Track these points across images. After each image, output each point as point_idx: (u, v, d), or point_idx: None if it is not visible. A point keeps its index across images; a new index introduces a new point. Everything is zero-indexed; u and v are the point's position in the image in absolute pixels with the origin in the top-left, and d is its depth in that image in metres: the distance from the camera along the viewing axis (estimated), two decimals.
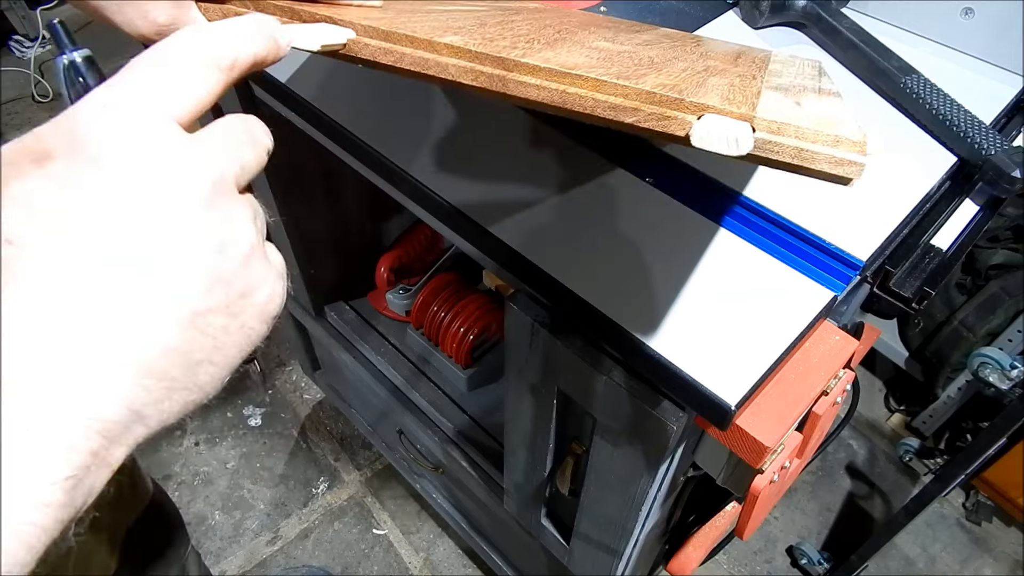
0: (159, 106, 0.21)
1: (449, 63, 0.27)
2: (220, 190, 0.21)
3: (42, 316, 0.17)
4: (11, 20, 2.37)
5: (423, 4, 0.37)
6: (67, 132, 0.19)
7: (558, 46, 0.31)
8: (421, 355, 1.04)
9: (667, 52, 0.37)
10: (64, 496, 0.17)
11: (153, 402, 0.19)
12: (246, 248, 0.21)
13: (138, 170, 0.19)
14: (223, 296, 0.20)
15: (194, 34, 0.22)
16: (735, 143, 0.23)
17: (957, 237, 0.54)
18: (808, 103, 0.28)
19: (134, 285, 0.19)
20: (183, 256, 0.19)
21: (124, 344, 0.18)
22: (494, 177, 0.55)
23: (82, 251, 0.18)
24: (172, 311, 0.19)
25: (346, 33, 0.28)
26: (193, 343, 0.20)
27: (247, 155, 0.22)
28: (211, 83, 0.22)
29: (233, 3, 0.30)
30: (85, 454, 0.18)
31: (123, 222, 0.19)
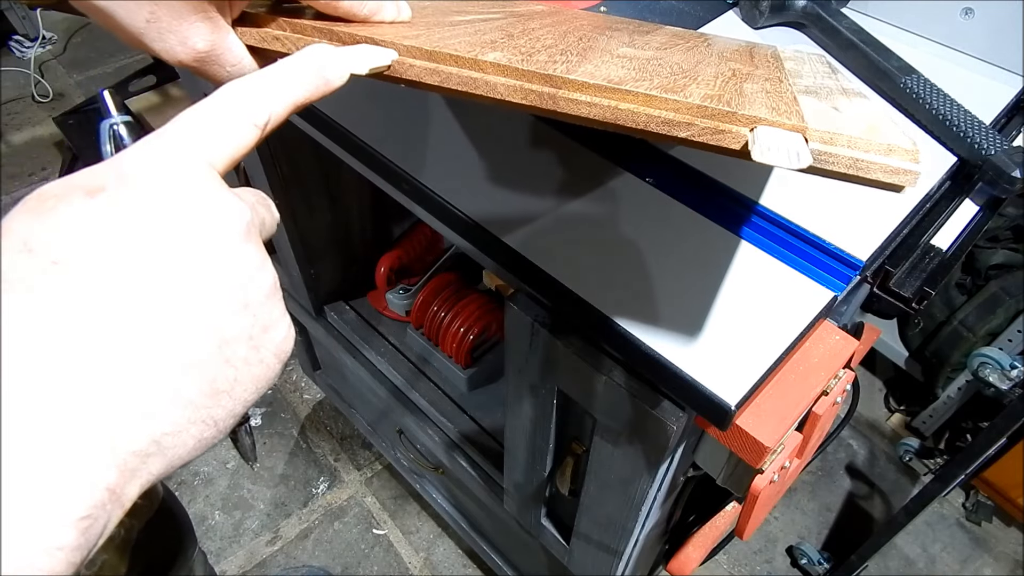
0: (200, 152, 0.22)
1: (498, 82, 0.27)
2: (251, 231, 0.22)
3: (77, 337, 0.18)
4: (11, 20, 2.37)
5: (445, 16, 0.37)
6: (117, 168, 0.21)
7: (590, 56, 0.31)
8: (421, 355, 1.04)
9: (688, 56, 0.37)
10: (78, 538, 0.16)
11: (172, 432, 0.19)
12: (270, 284, 0.22)
13: (181, 201, 0.20)
14: (248, 326, 0.21)
15: (235, 90, 0.24)
16: (796, 156, 0.23)
17: (957, 237, 0.54)
18: (843, 106, 0.28)
19: (170, 307, 0.19)
20: (217, 281, 0.20)
21: (151, 363, 0.19)
22: (494, 177, 0.55)
23: (123, 274, 0.19)
24: (204, 334, 0.20)
25: (389, 54, 0.29)
26: (218, 370, 0.20)
27: (267, 216, 0.25)
28: (247, 137, 0.24)
29: (270, 27, 0.31)
30: (102, 490, 0.17)
31: (164, 247, 0.20)
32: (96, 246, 0.19)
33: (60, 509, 0.16)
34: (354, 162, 0.63)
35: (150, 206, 0.20)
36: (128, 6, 0.26)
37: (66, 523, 0.16)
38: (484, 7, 0.44)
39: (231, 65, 0.30)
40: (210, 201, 0.21)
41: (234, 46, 0.30)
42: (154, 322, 0.19)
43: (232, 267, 0.21)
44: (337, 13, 0.31)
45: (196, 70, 0.30)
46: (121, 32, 0.27)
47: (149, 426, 0.18)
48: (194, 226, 0.20)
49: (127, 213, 0.20)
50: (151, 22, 0.27)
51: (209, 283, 0.20)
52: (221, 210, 0.21)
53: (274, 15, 0.31)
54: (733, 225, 0.51)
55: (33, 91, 2.25)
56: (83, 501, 0.16)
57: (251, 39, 0.31)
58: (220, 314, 0.20)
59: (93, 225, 0.19)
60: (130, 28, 0.27)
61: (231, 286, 0.21)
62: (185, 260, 0.20)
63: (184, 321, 0.19)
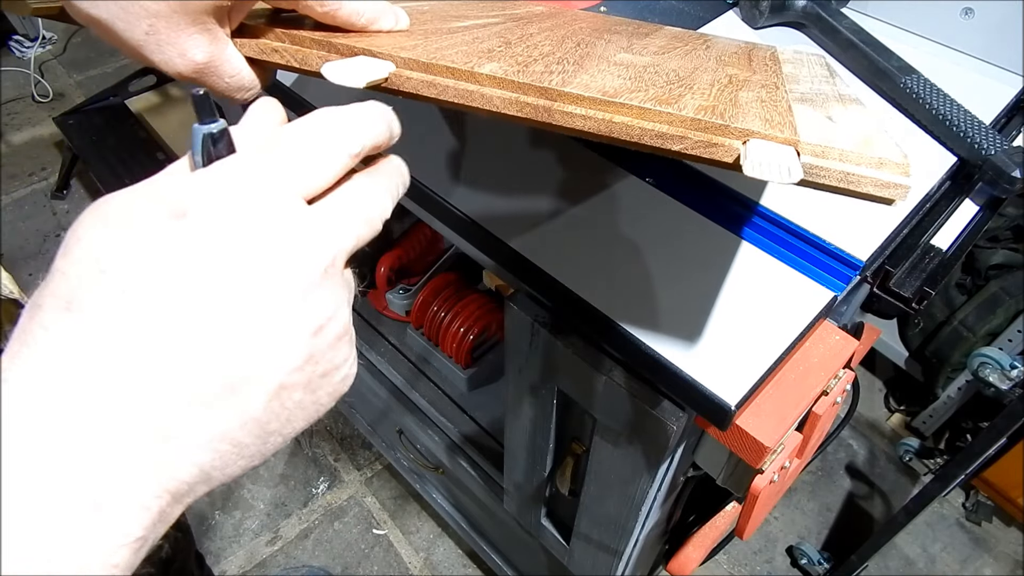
0: (293, 184, 0.21)
1: (494, 95, 0.27)
2: (330, 273, 0.21)
3: (139, 367, 0.18)
4: (11, 20, 2.37)
5: (443, 22, 0.37)
6: (206, 191, 0.20)
7: (587, 65, 0.31)
8: (421, 355, 1.04)
9: (685, 61, 0.37)
10: (131, 557, 0.17)
11: (222, 466, 0.19)
12: (340, 331, 0.22)
13: (263, 244, 0.20)
14: (309, 374, 0.21)
15: (333, 119, 0.23)
16: (787, 172, 0.23)
17: (957, 237, 0.54)
18: (837, 115, 0.28)
19: (235, 351, 0.19)
20: (285, 332, 0.20)
21: (212, 405, 0.19)
22: (494, 177, 0.55)
23: (193, 311, 0.19)
24: (263, 382, 0.20)
25: (387, 66, 0.29)
26: (271, 415, 0.20)
27: (363, 231, 0.23)
28: (341, 167, 0.23)
29: (269, 38, 0.30)
30: (155, 513, 0.18)
31: (238, 289, 0.19)
32: (169, 281, 0.19)
33: (120, 531, 0.17)
34: None
35: (232, 245, 0.19)
36: (127, 18, 0.26)
37: (124, 544, 0.17)
38: (483, 11, 0.44)
39: (229, 76, 0.30)
40: (292, 243, 0.20)
41: (232, 58, 0.30)
42: (215, 370, 0.19)
43: (302, 319, 0.20)
44: (335, 23, 0.31)
45: (195, 81, 0.30)
46: (120, 44, 0.28)
47: (201, 461, 0.19)
48: (270, 273, 0.20)
49: (207, 249, 0.19)
50: (150, 34, 0.27)
51: (276, 337, 0.20)
52: (302, 254, 0.20)
53: (272, 26, 0.31)
54: (733, 225, 0.51)
55: (33, 91, 2.25)
56: (139, 524, 0.17)
57: (250, 51, 0.31)
58: (282, 367, 0.20)
59: (170, 256, 0.19)
60: (129, 40, 0.27)
61: (298, 339, 0.20)
62: (257, 311, 0.19)
63: (245, 374, 0.19)
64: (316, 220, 0.21)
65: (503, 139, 0.57)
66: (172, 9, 0.26)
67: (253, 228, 0.20)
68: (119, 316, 0.18)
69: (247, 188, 0.20)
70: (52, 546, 0.16)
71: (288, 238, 0.20)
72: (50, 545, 0.16)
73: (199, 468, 0.19)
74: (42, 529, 0.16)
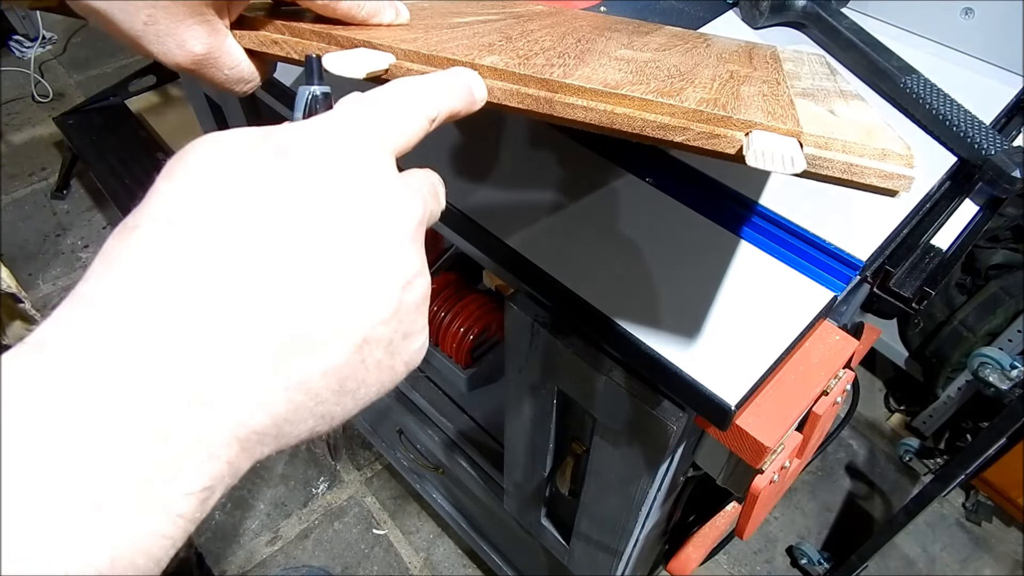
0: (386, 138, 0.22)
1: (495, 86, 0.28)
2: (420, 232, 0.22)
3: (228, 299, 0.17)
4: (11, 20, 2.37)
5: (443, 18, 0.37)
6: (309, 136, 0.20)
7: (588, 59, 0.31)
8: None
9: (686, 58, 0.37)
10: (197, 508, 0.16)
11: (294, 420, 0.19)
12: (423, 291, 0.22)
13: (362, 187, 0.20)
14: (392, 331, 0.21)
15: (412, 84, 0.24)
16: (790, 162, 0.23)
17: (957, 237, 0.54)
18: (839, 109, 0.28)
19: (326, 294, 0.19)
20: (377, 281, 0.20)
21: (297, 348, 0.18)
22: (494, 177, 0.55)
23: (290, 245, 0.18)
24: (350, 330, 0.19)
25: (387, 58, 0.29)
26: (351, 370, 0.20)
27: (435, 208, 0.24)
28: (421, 130, 0.24)
29: (268, 30, 0.30)
30: (224, 463, 0.17)
31: (338, 229, 0.19)
32: (271, 213, 0.18)
33: (188, 479, 0.16)
34: None
35: (336, 186, 0.19)
36: (126, 9, 0.26)
37: (190, 492, 0.16)
38: (483, 8, 0.44)
39: (229, 68, 0.30)
40: (389, 193, 0.21)
41: (232, 49, 0.30)
42: (306, 310, 0.18)
43: (395, 270, 0.20)
44: (335, 16, 0.31)
45: (194, 73, 0.30)
46: (119, 35, 0.28)
47: (276, 409, 0.18)
48: (369, 218, 0.20)
49: (311, 186, 0.19)
50: (149, 25, 0.27)
51: (370, 283, 0.20)
52: (398, 205, 0.21)
53: (272, 18, 0.31)
54: (733, 225, 0.51)
55: (33, 91, 2.25)
56: (207, 473, 0.16)
57: (249, 42, 0.31)
58: (371, 317, 0.20)
59: (275, 189, 0.19)
60: (128, 31, 0.27)
61: (390, 289, 0.20)
62: (353, 253, 0.19)
63: (336, 319, 0.19)
64: (410, 176, 0.22)
65: (503, 138, 0.57)
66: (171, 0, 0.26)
67: (356, 173, 0.20)
68: (219, 242, 0.17)
69: (343, 134, 0.21)
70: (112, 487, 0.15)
71: (389, 186, 0.21)
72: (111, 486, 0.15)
73: (272, 418, 0.18)
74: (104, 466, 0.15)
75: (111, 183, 1.70)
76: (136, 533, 0.15)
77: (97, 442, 0.15)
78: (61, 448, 0.15)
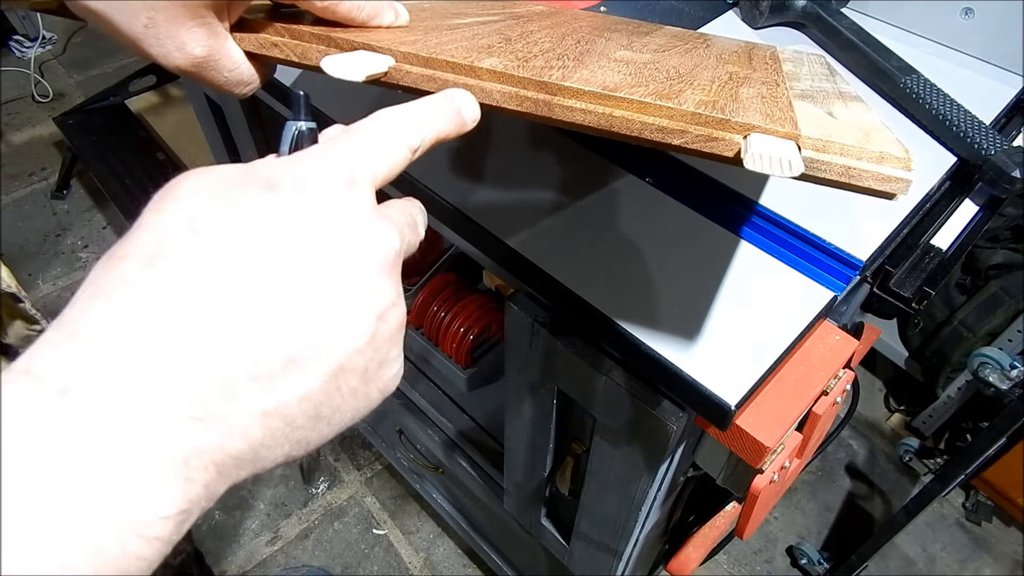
0: (367, 171, 0.22)
1: (493, 89, 0.28)
2: (396, 263, 0.22)
3: (211, 332, 0.18)
4: (11, 20, 2.37)
5: (443, 19, 0.37)
6: (295, 171, 0.21)
7: (587, 61, 0.31)
8: (421, 355, 1.04)
9: (685, 59, 0.37)
10: (173, 530, 0.17)
11: (270, 445, 0.19)
12: (400, 321, 0.22)
13: (346, 222, 0.21)
14: (368, 360, 0.21)
15: (399, 116, 0.25)
16: (788, 165, 0.23)
17: (957, 237, 0.54)
18: (838, 111, 0.28)
19: (304, 324, 0.19)
20: (354, 312, 0.20)
21: (274, 376, 0.19)
22: (494, 177, 0.55)
23: (270, 278, 0.19)
24: (327, 359, 0.20)
25: (386, 60, 0.29)
26: (326, 396, 0.20)
27: (413, 239, 0.24)
28: (404, 160, 0.24)
29: (268, 33, 0.30)
30: (200, 486, 0.17)
31: (318, 260, 0.20)
32: (255, 247, 0.19)
33: (164, 503, 0.17)
34: None
35: (313, 218, 0.20)
36: (125, 11, 0.26)
37: (167, 515, 0.17)
38: (483, 9, 0.44)
39: (228, 71, 0.30)
40: (367, 227, 0.21)
41: (232, 52, 0.30)
42: (285, 339, 0.19)
43: (371, 301, 0.21)
44: (335, 18, 0.31)
45: (194, 75, 0.30)
46: (119, 37, 0.28)
47: (252, 435, 0.18)
48: (347, 251, 0.20)
49: (293, 220, 0.20)
50: (149, 27, 0.27)
51: (346, 314, 0.20)
52: (375, 239, 0.21)
53: (272, 21, 0.31)
54: (733, 225, 0.51)
55: (33, 91, 2.25)
56: (184, 496, 0.17)
57: (249, 45, 0.31)
58: (348, 346, 0.20)
59: (261, 223, 0.19)
60: (128, 33, 0.27)
61: (366, 320, 0.21)
62: (331, 285, 0.20)
63: (313, 348, 0.19)
64: (390, 207, 0.23)
65: (503, 139, 0.57)
66: (171, 3, 0.26)
67: (336, 206, 0.21)
68: (203, 276, 0.18)
69: (328, 169, 0.21)
70: (88, 511, 0.15)
71: (367, 219, 0.21)
72: (86, 510, 0.15)
73: (248, 443, 0.18)
74: (80, 492, 0.15)
75: (111, 183, 1.70)
76: (113, 554, 0.16)
77: (80, 468, 0.16)
78: (44, 474, 0.15)
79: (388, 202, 0.24)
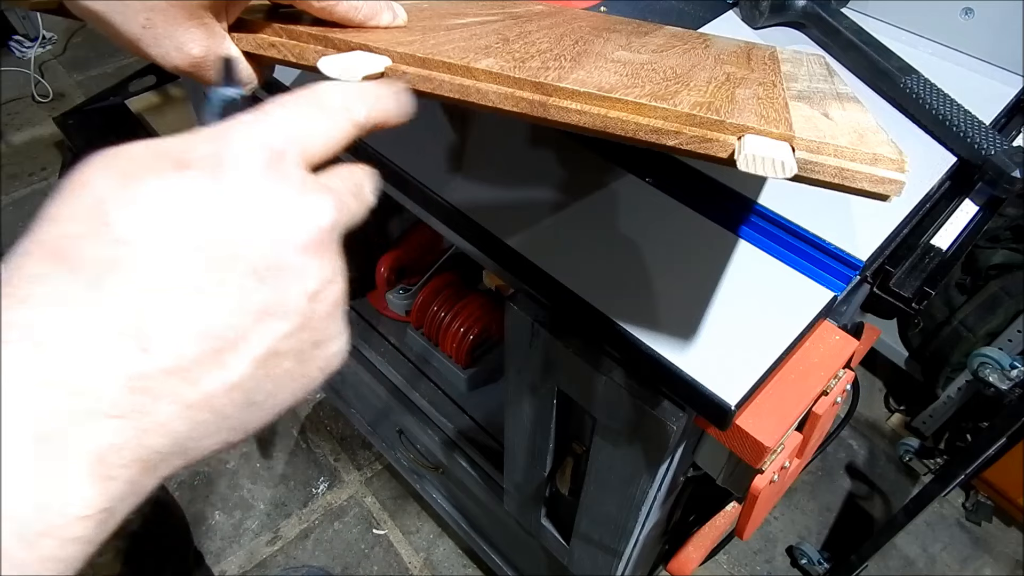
0: (298, 144, 0.21)
1: (489, 90, 0.28)
2: (330, 238, 0.21)
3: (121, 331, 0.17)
4: (11, 20, 2.37)
5: (442, 20, 0.37)
6: (211, 148, 0.20)
7: (584, 61, 0.31)
8: (421, 355, 1.04)
9: (683, 59, 0.37)
10: (96, 529, 0.16)
11: (199, 437, 0.19)
12: (335, 299, 0.21)
13: (262, 201, 0.20)
14: (301, 342, 0.20)
15: (342, 87, 0.23)
16: (781, 166, 0.23)
17: (957, 237, 0.54)
18: (834, 113, 0.28)
19: (223, 313, 0.18)
20: (280, 295, 0.19)
21: (194, 373, 0.18)
22: (494, 177, 0.55)
23: (183, 266, 0.18)
24: (253, 346, 0.19)
25: (383, 61, 0.29)
26: (257, 384, 0.19)
27: (356, 210, 0.23)
28: (345, 134, 0.23)
29: (266, 33, 0.31)
30: (123, 483, 0.17)
31: (233, 248, 0.19)
32: (170, 235, 0.18)
33: (80, 503, 0.16)
34: None
35: (231, 198, 0.19)
36: (124, 12, 0.26)
37: (85, 515, 0.16)
38: (483, 9, 0.44)
39: None
40: (291, 204, 0.20)
41: (230, 52, 0.30)
42: (204, 331, 0.18)
43: (298, 282, 0.20)
44: (333, 18, 0.31)
45: (192, 75, 0.30)
46: (118, 37, 0.28)
47: (176, 430, 0.18)
48: (270, 231, 0.19)
49: (206, 200, 0.19)
50: (147, 28, 0.27)
51: (269, 299, 0.19)
52: (300, 216, 0.20)
53: (270, 21, 0.31)
54: (733, 225, 0.51)
55: (33, 91, 2.25)
56: (104, 495, 0.16)
57: (247, 45, 0.31)
58: (274, 332, 0.19)
59: (172, 209, 0.18)
60: (126, 34, 0.27)
61: (293, 302, 0.20)
62: (251, 268, 0.19)
63: (237, 338, 0.19)
64: (317, 183, 0.21)
65: (503, 139, 0.57)
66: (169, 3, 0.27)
67: (254, 184, 0.20)
68: (111, 269, 0.17)
69: (250, 144, 0.20)
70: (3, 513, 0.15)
71: (290, 196, 0.20)
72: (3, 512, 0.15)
73: (171, 437, 0.18)
74: None
75: None
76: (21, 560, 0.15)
77: None
78: None
79: (329, 169, 0.23)
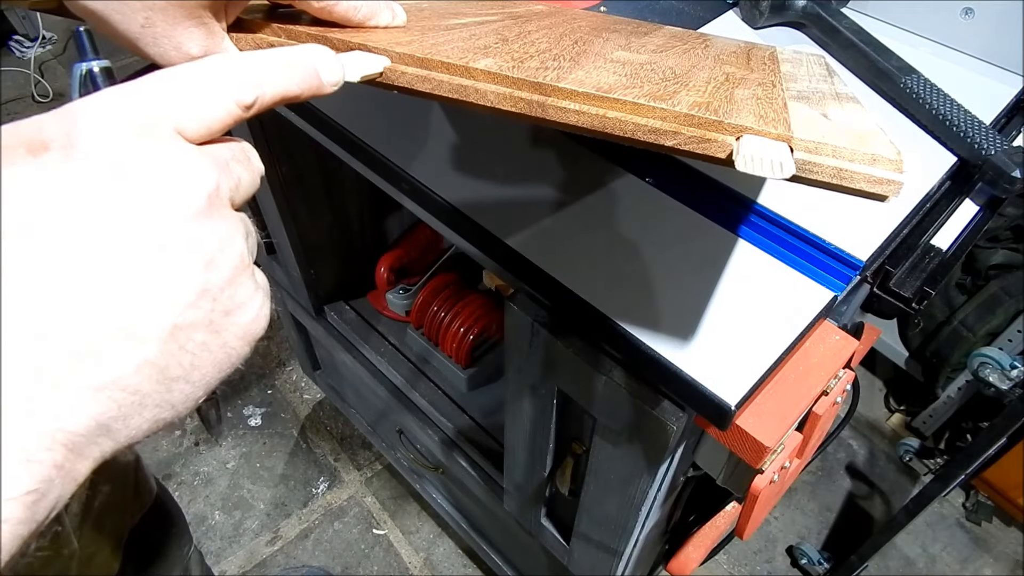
0: (165, 115, 0.20)
1: (488, 90, 0.28)
2: (214, 203, 0.20)
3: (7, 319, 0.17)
4: (11, 20, 2.37)
5: (441, 19, 0.37)
6: (66, 125, 0.19)
7: (583, 62, 0.31)
8: (421, 355, 1.04)
9: (683, 59, 0.37)
10: (24, 512, 0.16)
11: (122, 416, 0.18)
12: (236, 264, 0.21)
13: (131, 173, 0.19)
14: (207, 312, 0.20)
15: (221, 61, 0.23)
16: (779, 167, 0.23)
17: (957, 237, 0.54)
18: (833, 113, 0.28)
19: (113, 293, 0.18)
20: (169, 267, 0.19)
21: (97, 355, 0.18)
22: (494, 177, 0.55)
23: (59, 253, 0.18)
24: (153, 323, 0.19)
25: (382, 61, 0.29)
26: (170, 359, 0.19)
27: (244, 174, 0.23)
28: (225, 112, 0.22)
29: (265, 33, 0.31)
30: (49, 467, 0.17)
31: (109, 225, 0.18)
32: (32, 221, 0.17)
33: (8, 485, 0.16)
34: (354, 162, 0.63)
35: (96, 176, 0.18)
36: (123, 11, 0.26)
37: (12, 498, 0.16)
38: (482, 9, 0.44)
39: None
40: (167, 172, 0.19)
41: (229, 51, 0.30)
42: (98, 314, 0.18)
43: (188, 250, 0.19)
44: (332, 18, 0.31)
45: None
46: (116, 37, 0.28)
47: (95, 411, 0.18)
48: (145, 203, 0.19)
49: (69, 183, 0.18)
50: (146, 27, 0.27)
51: (159, 272, 0.19)
52: (179, 183, 0.20)
53: (269, 21, 0.31)
54: (733, 225, 0.51)
55: (33, 91, 2.25)
56: (29, 476, 0.16)
57: (246, 45, 0.31)
58: (172, 305, 0.19)
59: (32, 195, 0.18)
60: (125, 33, 0.27)
61: (187, 272, 0.19)
62: (132, 244, 0.18)
63: (133, 314, 0.18)
64: (195, 149, 0.21)
65: (503, 138, 0.57)
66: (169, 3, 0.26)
67: (121, 158, 0.19)
68: None
69: (111, 116, 0.19)
70: None
71: (164, 165, 0.19)
72: None
73: (93, 419, 0.18)
74: None
75: None
76: None
77: None
78: None
79: (208, 144, 0.22)
